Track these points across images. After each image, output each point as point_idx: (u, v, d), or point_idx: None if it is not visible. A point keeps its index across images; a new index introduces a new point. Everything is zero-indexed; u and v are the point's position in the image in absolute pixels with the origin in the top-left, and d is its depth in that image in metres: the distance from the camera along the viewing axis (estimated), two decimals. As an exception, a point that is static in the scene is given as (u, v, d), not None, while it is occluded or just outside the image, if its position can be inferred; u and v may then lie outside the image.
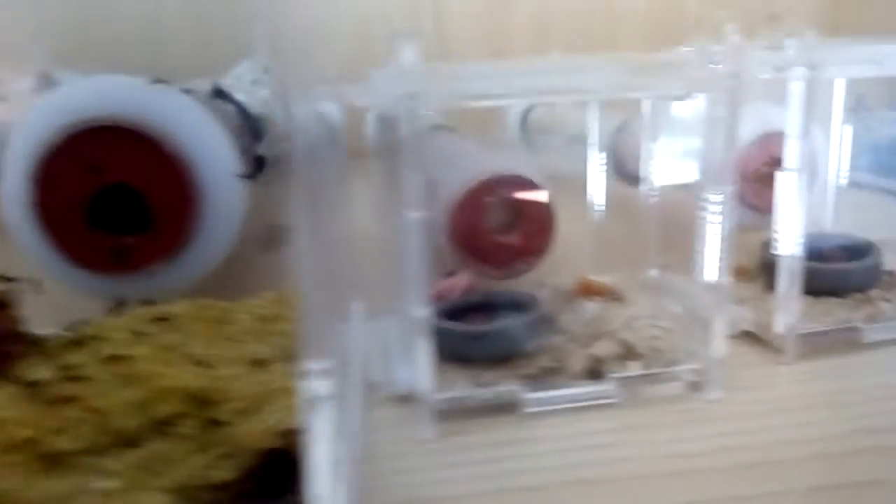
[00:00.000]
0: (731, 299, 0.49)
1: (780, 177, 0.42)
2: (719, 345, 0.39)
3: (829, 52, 0.41)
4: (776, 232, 0.43)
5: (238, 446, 0.31)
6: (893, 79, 0.43)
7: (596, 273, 0.56)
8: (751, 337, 0.47)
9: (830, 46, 0.42)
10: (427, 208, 0.56)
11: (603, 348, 0.40)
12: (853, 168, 0.98)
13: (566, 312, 0.46)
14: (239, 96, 0.74)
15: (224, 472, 0.30)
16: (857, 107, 0.98)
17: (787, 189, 0.41)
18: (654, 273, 0.54)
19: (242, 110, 0.72)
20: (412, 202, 0.34)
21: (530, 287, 0.51)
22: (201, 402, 0.33)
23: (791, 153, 0.41)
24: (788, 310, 0.43)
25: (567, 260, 0.58)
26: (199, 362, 0.36)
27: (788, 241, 0.42)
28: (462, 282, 0.47)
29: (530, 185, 0.51)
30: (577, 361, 0.40)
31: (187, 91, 0.76)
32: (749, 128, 0.58)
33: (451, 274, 0.50)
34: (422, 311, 0.36)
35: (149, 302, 0.43)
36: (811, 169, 0.59)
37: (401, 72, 0.33)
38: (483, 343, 0.40)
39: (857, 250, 0.51)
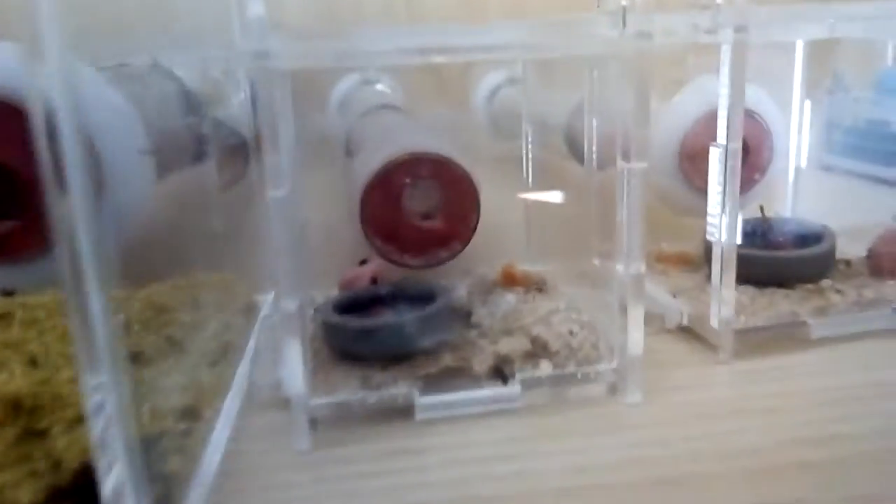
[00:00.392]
0: (669, 290, 0.45)
1: (711, 153, 0.37)
2: (636, 341, 0.34)
3: (765, 12, 0.36)
4: (709, 216, 0.39)
5: (55, 461, 0.27)
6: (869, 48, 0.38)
7: (533, 262, 0.52)
8: (688, 332, 0.43)
9: (769, 4, 0.38)
10: (348, 192, 0.51)
11: (510, 345, 0.36)
12: (828, 151, 0.93)
13: (482, 305, 0.42)
14: (181, 72, 0.70)
15: (26, 493, 0.26)
16: (835, 86, 0.93)
17: (718, 166, 0.37)
18: (596, 262, 0.50)
19: (183, 87, 0.67)
20: (274, 178, 0.30)
21: (448, 277, 0.47)
22: (23, 410, 0.29)
23: (721, 126, 0.37)
24: (723, 302, 0.38)
25: (501, 247, 0.53)
26: (35, 363, 0.32)
27: (721, 225, 0.38)
28: (368, 271, 0.43)
29: (452, 167, 0.46)
30: (482, 360, 0.36)
31: (122, 65, 0.71)
32: (694, 103, 0.53)
33: (363, 262, 0.46)
34: (291, 304, 0.31)
35: (8, 293, 0.39)
36: (764, 147, 0.55)
37: (246, 27, 0.28)
38: (373, 340, 0.36)
39: (811, 237, 0.47)
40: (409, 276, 0.46)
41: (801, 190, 0.61)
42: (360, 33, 0.32)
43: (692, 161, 0.54)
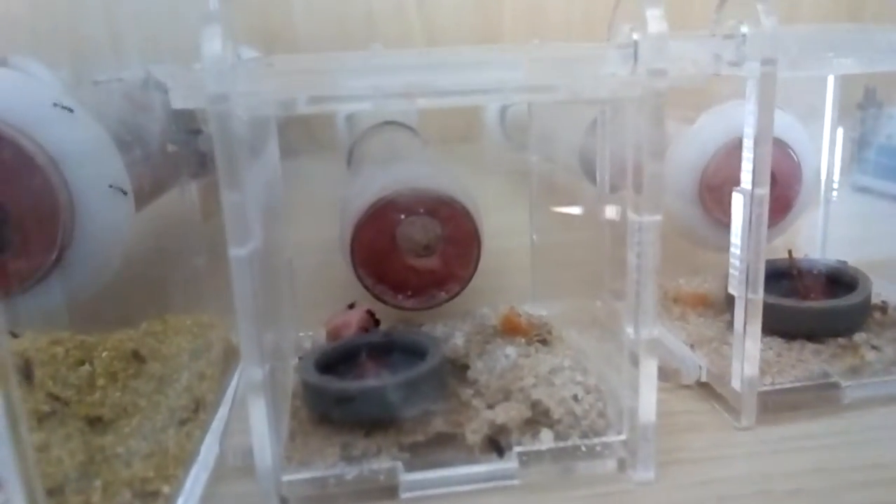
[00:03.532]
0: (687, 339, 0.41)
1: (734, 198, 0.34)
2: (647, 409, 0.31)
3: (796, 40, 0.32)
4: (732, 266, 0.35)
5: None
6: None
7: (539, 297, 0.48)
8: (707, 389, 0.39)
9: (799, 34, 0.34)
10: (340, 223, 0.48)
11: (507, 412, 0.32)
12: (860, 171, 0.89)
13: (480, 357, 0.38)
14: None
15: None
16: (866, 102, 0.89)
17: (742, 213, 0.33)
18: (600, 303, 0.46)
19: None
20: (235, 234, 0.26)
21: (447, 319, 0.44)
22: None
23: (746, 168, 0.33)
24: (747, 361, 0.34)
25: (505, 286, 0.50)
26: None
27: (744, 277, 0.34)
28: (355, 319, 0.39)
29: (450, 204, 0.42)
30: (476, 429, 0.32)
31: (117, 80, 0.68)
32: (717, 130, 0.49)
33: (351, 306, 0.42)
34: (256, 374, 0.28)
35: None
36: (794, 180, 0.50)
37: (209, 67, 0.24)
38: (353, 406, 0.32)
39: (843, 283, 0.42)
40: (403, 321, 0.42)
41: (833, 219, 0.57)
42: (339, 70, 0.28)
43: (713, 192, 0.50)
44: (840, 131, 0.53)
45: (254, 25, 1.15)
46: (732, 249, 0.34)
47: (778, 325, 0.40)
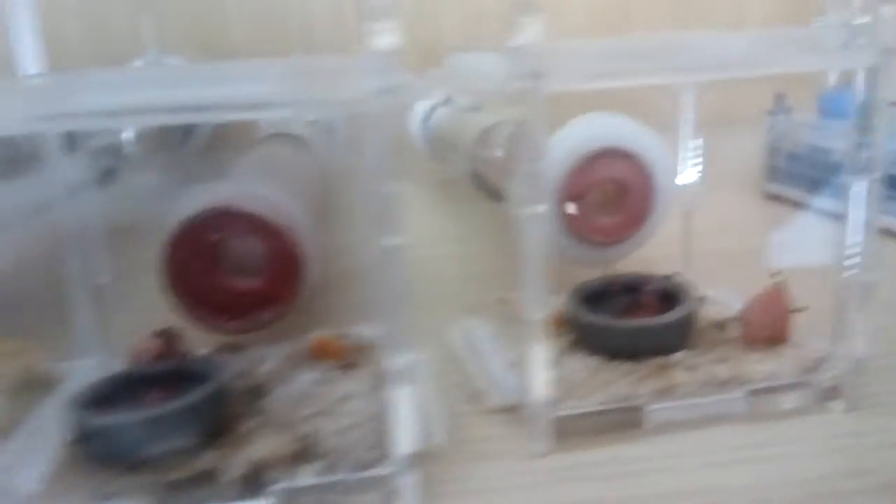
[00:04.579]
0: (513, 358, 0.40)
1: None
2: (405, 440, 0.29)
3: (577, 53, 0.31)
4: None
5: None
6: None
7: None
8: (518, 414, 0.37)
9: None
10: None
11: (269, 447, 0.30)
12: (771, 179, 0.88)
13: (284, 383, 0.36)
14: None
15: None
16: (776, 108, 0.87)
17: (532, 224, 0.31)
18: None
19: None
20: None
21: (269, 346, 0.42)
22: None
23: (518, 178, 0.31)
24: (535, 385, 0.33)
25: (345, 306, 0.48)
26: None
27: (530, 297, 0.32)
28: (155, 345, 0.38)
29: (268, 222, 0.41)
30: (236, 465, 0.30)
31: None
32: (572, 145, 0.48)
33: (160, 333, 0.40)
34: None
35: None
36: (645, 190, 0.49)
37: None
38: (92, 444, 0.30)
39: (675, 297, 0.41)
40: (231, 346, 0.41)
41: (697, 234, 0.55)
42: (85, 83, 0.27)
43: (567, 206, 0.48)
44: (700, 142, 0.51)
45: (189, 33, 1.14)
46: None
47: (600, 345, 0.39)
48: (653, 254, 0.53)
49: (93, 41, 1.13)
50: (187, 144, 0.97)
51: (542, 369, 0.33)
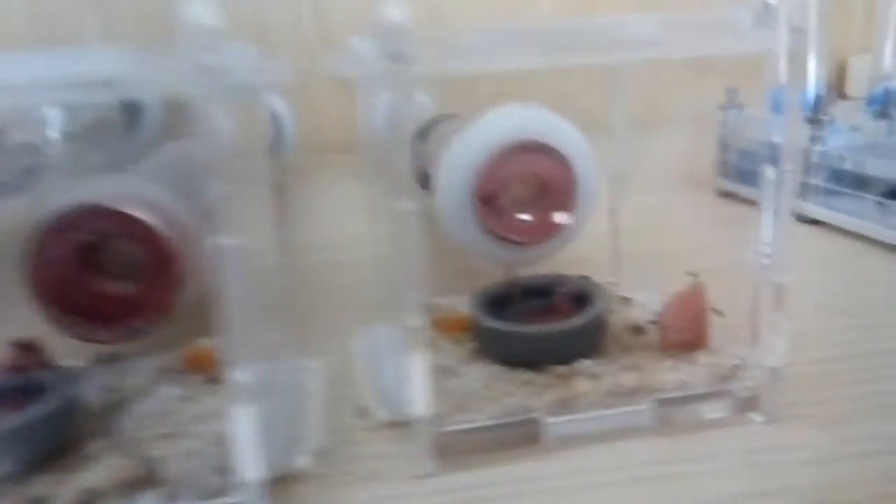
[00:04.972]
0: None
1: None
2: (251, 463, 0.25)
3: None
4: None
5: None
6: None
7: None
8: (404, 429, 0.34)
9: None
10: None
11: (106, 472, 0.27)
12: (723, 175, 0.85)
13: (143, 401, 0.33)
14: None
15: None
16: (728, 103, 0.85)
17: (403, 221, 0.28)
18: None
19: None
20: None
21: (146, 357, 0.38)
22: None
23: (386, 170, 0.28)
24: (421, 396, 0.30)
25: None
26: None
27: (408, 301, 0.29)
28: (9, 355, 0.34)
29: (140, 223, 0.37)
30: (68, 492, 0.27)
31: None
32: (491, 135, 0.44)
33: (17, 344, 0.36)
34: None
35: None
36: (565, 185, 0.46)
37: None
38: None
39: (592, 300, 0.38)
40: (109, 354, 0.37)
41: (639, 233, 0.52)
42: None
43: (486, 202, 0.45)
44: (629, 135, 0.48)
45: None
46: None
47: (502, 353, 0.35)
48: (585, 254, 0.49)
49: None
50: (131, 142, 0.92)
51: (423, 381, 0.29)
